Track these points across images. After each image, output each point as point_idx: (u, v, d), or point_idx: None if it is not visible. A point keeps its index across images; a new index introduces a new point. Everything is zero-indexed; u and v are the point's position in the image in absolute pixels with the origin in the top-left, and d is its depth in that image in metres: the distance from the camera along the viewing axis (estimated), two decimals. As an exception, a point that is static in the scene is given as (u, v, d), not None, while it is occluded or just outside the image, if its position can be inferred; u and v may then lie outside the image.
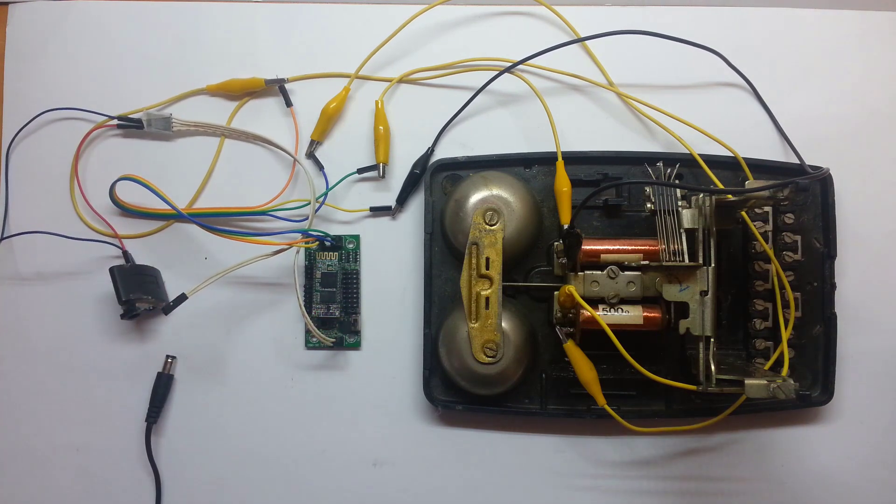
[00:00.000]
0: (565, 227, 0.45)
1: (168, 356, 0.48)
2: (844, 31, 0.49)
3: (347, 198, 0.49)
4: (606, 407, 0.43)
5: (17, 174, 0.50)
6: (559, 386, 0.47)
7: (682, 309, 0.42)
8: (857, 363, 0.47)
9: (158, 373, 0.48)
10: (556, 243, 0.45)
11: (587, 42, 0.49)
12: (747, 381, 0.38)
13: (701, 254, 0.41)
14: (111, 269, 0.46)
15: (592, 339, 0.43)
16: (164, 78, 0.50)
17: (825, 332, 0.46)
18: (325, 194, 0.48)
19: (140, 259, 0.49)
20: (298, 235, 0.47)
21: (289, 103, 0.50)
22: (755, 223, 0.45)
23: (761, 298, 0.46)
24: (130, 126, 0.49)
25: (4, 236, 0.49)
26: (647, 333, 0.43)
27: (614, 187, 0.47)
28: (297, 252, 0.47)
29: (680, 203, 0.42)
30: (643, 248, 0.43)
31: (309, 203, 0.48)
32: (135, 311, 0.47)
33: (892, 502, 0.47)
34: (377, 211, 0.49)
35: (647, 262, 0.42)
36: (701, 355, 0.41)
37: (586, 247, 0.43)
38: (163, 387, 0.48)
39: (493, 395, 0.46)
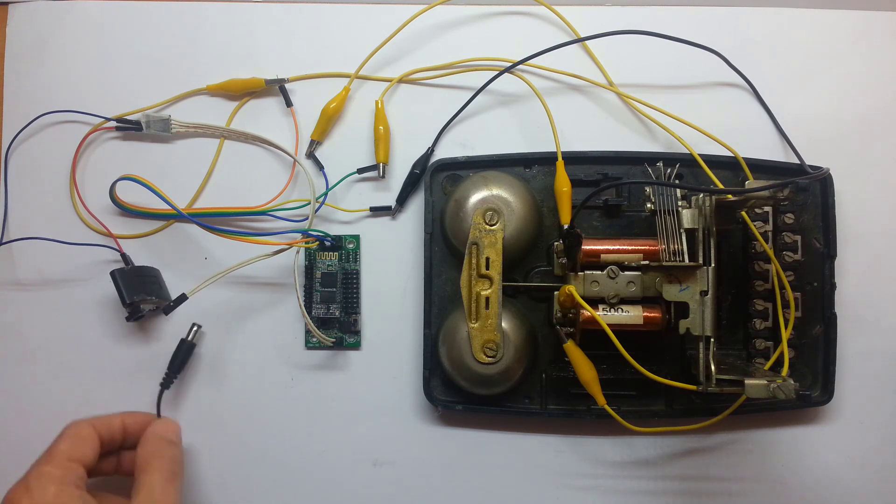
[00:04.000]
0: (565, 227, 0.45)
1: (194, 324, 0.48)
2: (844, 31, 0.49)
3: (347, 198, 0.49)
4: (606, 407, 0.43)
5: (16, 177, 0.50)
6: (559, 386, 0.47)
7: (682, 309, 0.42)
8: (858, 363, 0.47)
9: (181, 339, 0.48)
10: (556, 243, 0.45)
11: (587, 42, 0.49)
12: (747, 381, 0.38)
13: (701, 254, 0.41)
14: (112, 273, 0.46)
15: (592, 339, 0.43)
16: (164, 78, 0.50)
17: (825, 332, 0.46)
18: (325, 194, 0.48)
19: (140, 259, 0.49)
20: (298, 235, 0.47)
21: (289, 103, 0.50)
22: (755, 223, 0.45)
23: (761, 298, 0.46)
24: (129, 128, 0.49)
25: (3, 242, 0.49)
26: (647, 333, 0.43)
27: (614, 187, 0.47)
28: (297, 252, 0.47)
29: (680, 203, 0.42)
30: (643, 248, 0.43)
31: (309, 203, 0.48)
32: (140, 313, 0.47)
33: (893, 502, 0.47)
34: (377, 211, 0.49)
35: (647, 262, 0.42)
36: (701, 355, 0.41)
37: (586, 247, 0.43)
38: (183, 353, 0.48)
39: (493, 395, 0.46)
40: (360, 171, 0.49)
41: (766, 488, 0.47)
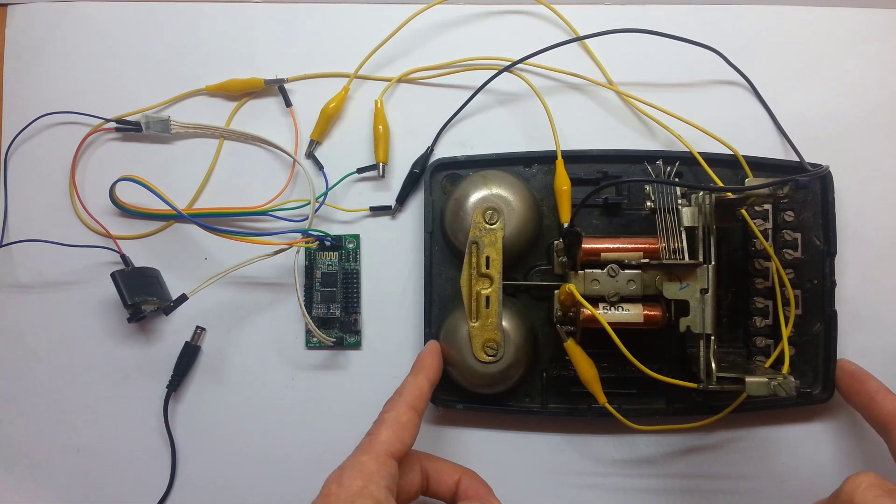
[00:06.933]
0: (565, 225, 0.45)
1: (198, 327, 0.48)
2: (844, 28, 0.49)
3: (347, 198, 0.49)
4: (607, 405, 0.43)
5: (16, 178, 0.50)
6: (560, 385, 0.47)
7: (683, 307, 0.42)
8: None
9: (186, 342, 0.48)
10: (556, 242, 0.45)
11: (586, 41, 0.49)
12: (748, 379, 0.38)
13: (701, 252, 0.41)
14: (113, 275, 0.46)
15: (593, 337, 0.43)
16: (164, 79, 0.50)
17: (825, 329, 0.46)
18: (325, 194, 0.48)
19: (140, 260, 0.49)
20: (298, 235, 0.47)
21: (288, 103, 0.50)
22: (755, 221, 0.45)
23: (761, 296, 0.46)
24: (129, 129, 0.49)
25: (3, 244, 0.49)
26: (647, 332, 0.43)
27: (614, 186, 0.47)
28: (297, 252, 0.47)
29: (680, 201, 0.42)
30: (643, 246, 0.43)
31: (309, 203, 0.48)
32: (141, 314, 0.47)
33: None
34: (377, 210, 0.49)
35: (647, 261, 0.42)
36: (701, 353, 0.41)
37: (586, 245, 0.43)
38: (189, 356, 0.48)
39: (493, 395, 0.46)
40: (359, 170, 0.49)
41: (766, 486, 0.47)
